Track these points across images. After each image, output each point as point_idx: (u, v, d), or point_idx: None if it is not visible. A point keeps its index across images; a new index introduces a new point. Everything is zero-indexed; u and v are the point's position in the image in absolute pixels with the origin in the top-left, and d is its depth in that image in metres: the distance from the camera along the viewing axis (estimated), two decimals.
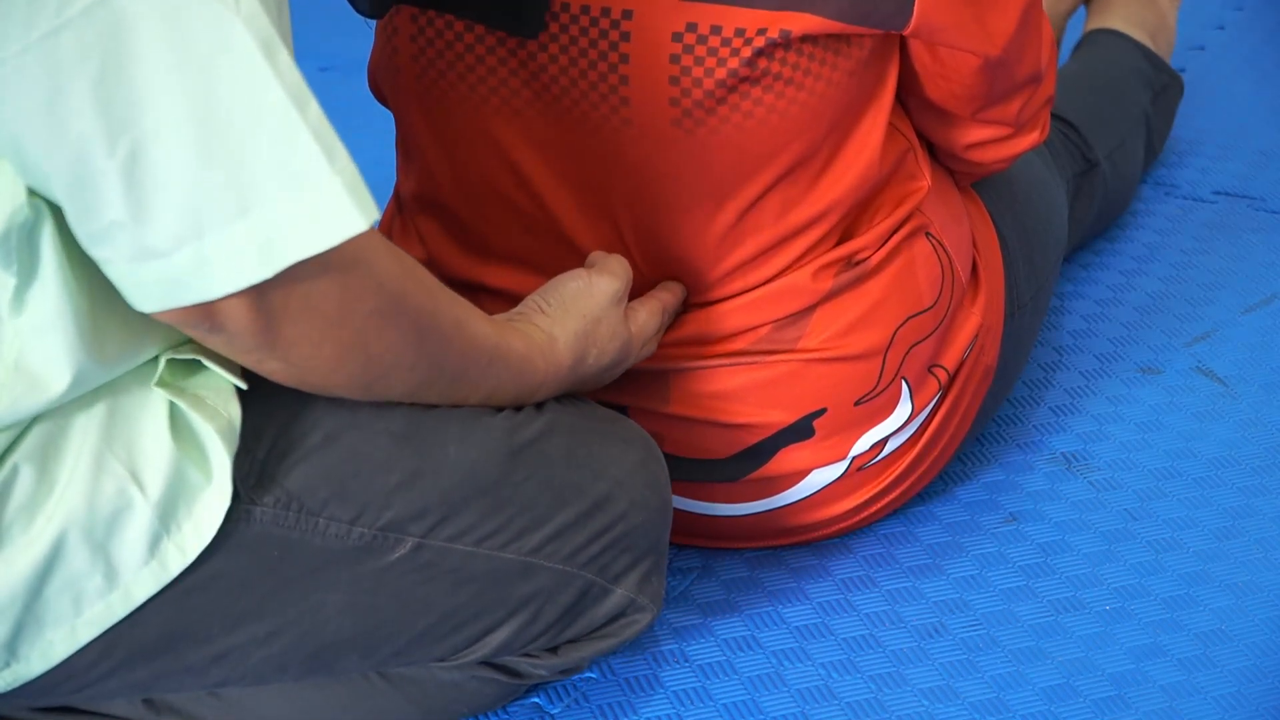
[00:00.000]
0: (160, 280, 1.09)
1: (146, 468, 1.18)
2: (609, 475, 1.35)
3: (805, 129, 1.44)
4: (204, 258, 1.07)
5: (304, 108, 1.07)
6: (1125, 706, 1.45)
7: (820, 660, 1.51)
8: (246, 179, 1.06)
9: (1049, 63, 1.57)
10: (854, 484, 1.57)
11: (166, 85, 1.04)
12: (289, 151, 1.07)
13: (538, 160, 1.47)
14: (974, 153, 1.59)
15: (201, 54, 1.05)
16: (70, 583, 1.18)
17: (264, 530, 1.23)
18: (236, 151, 1.06)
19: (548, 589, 1.32)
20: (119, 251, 1.08)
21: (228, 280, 1.08)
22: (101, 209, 1.07)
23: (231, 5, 1.05)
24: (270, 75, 1.06)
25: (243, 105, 1.06)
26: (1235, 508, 1.68)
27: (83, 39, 1.03)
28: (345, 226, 1.08)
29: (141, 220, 1.06)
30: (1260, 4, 2.69)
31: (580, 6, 1.41)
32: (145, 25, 1.04)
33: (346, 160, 1.09)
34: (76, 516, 1.16)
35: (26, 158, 1.08)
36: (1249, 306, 1.99)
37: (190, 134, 1.05)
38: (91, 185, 1.06)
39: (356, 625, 1.28)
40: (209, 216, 1.06)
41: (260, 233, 1.07)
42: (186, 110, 1.05)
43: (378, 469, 1.26)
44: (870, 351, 1.51)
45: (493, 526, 1.30)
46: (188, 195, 1.06)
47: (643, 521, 1.36)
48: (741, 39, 1.39)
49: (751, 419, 1.51)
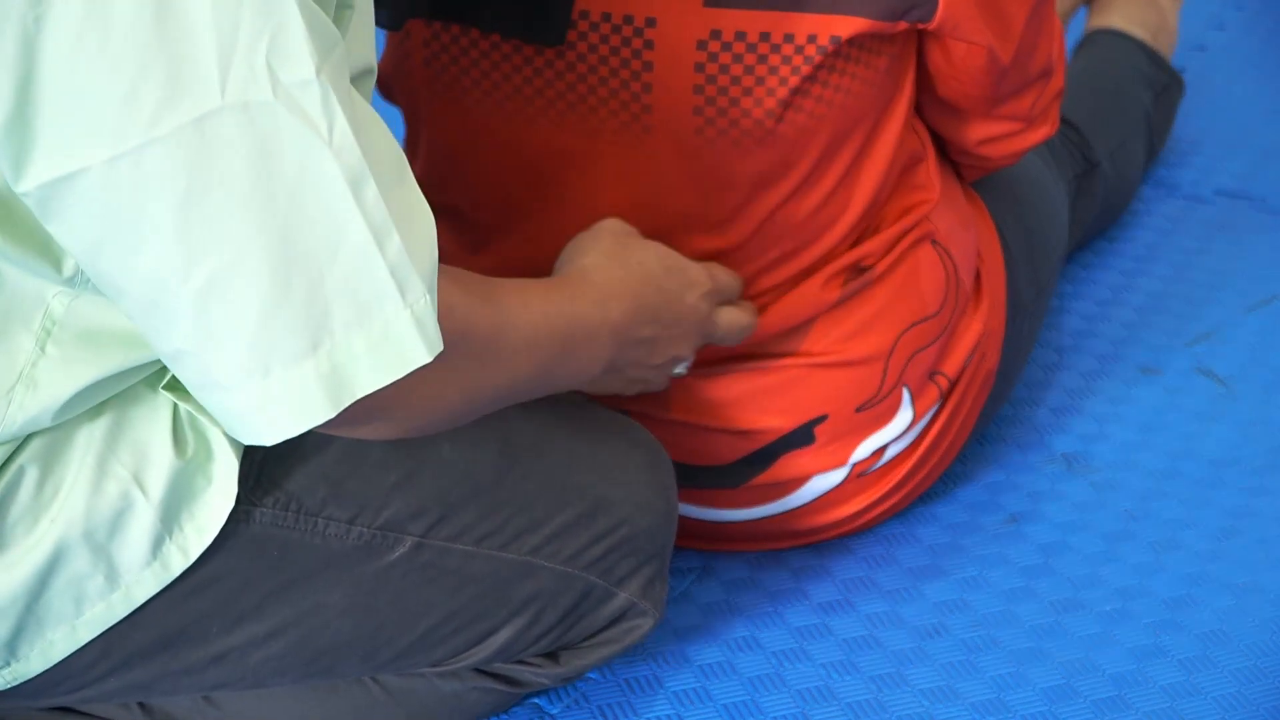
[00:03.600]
0: (223, 411, 1.06)
1: (149, 470, 1.18)
2: (613, 478, 1.34)
3: (832, 136, 1.43)
4: (269, 396, 1.04)
5: (384, 243, 1.04)
6: (1126, 707, 1.45)
7: (820, 660, 1.51)
8: (318, 317, 1.03)
9: (1059, 57, 1.57)
10: (854, 490, 1.57)
11: (249, 217, 1.01)
12: (362, 285, 1.04)
13: (550, 166, 1.46)
14: (985, 148, 1.59)
15: (289, 186, 1.02)
16: (72, 584, 1.18)
17: (264, 531, 1.24)
18: (311, 290, 1.03)
19: (549, 590, 1.32)
20: (185, 377, 1.06)
21: (291, 422, 1.05)
22: (170, 334, 1.04)
23: (325, 134, 1.02)
24: (355, 212, 1.03)
25: (324, 242, 1.03)
26: (1235, 508, 1.68)
27: (171, 158, 1.00)
28: (410, 360, 1.06)
29: (207, 352, 1.04)
30: (1260, 4, 2.69)
31: (601, 14, 1.40)
32: (235, 152, 1.00)
33: (420, 292, 1.05)
34: (79, 519, 1.16)
35: (101, 269, 1.05)
36: (1250, 306, 1.99)
37: (267, 270, 1.02)
38: (163, 309, 1.03)
39: (357, 627, 1.28)
40: (277, 355, 1.03)
41: (326, 370, 1.04)
42: (266, 245, 1.01)
43: (375, 468, 1.26)
44: (872, 357, 1.51)
45: (492, 526, 1.30)
46: (257, 332, 1.03)
47: (647, 526, 1.36)
48: (792, 46, 1.37)
49: (753, 425, 1.51)
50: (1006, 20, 1.46)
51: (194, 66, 1.00)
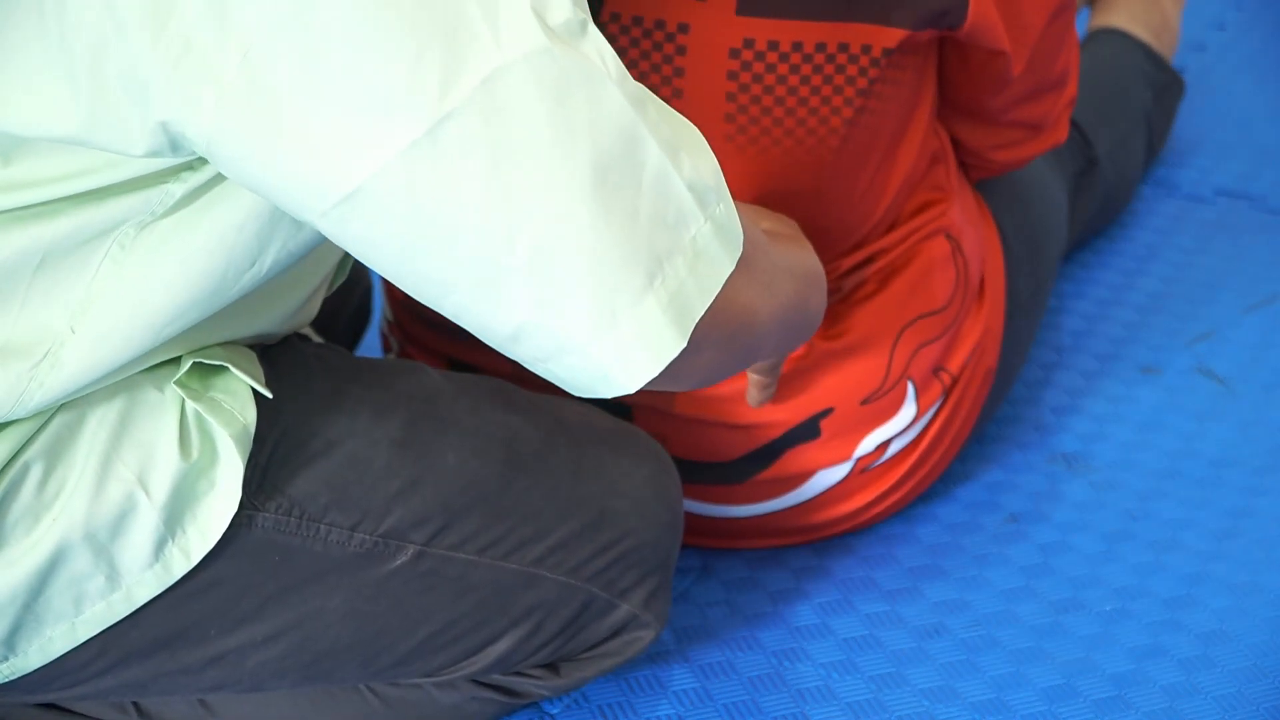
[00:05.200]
0: (578, 373, 1.03)
1: (154, 472, 1.18)
2: (618, 489, 1.34)
3: (860, 144, 1.44)
4: (623, 343, 1.01)
5: (677, 160, 1.02)
6: (1125, 707, 1.45)
7: (820, 660, 1.51)
8: (644, 248, 1.01)
9: (1073, 67, 1.57)
10: (858, 485, 1.57)
11: (558, 168, 0.98)
12: (669, 207, 1.02)
13: None
14: (995, 152, 1.59)
15: (586, 127, 0.99)
16: (72, 583, 1.18)
17: (266, 536, 1.23)
18: (630, 224, 1.00)
19: (550, 601, 1.32)
20: (528, 353, 1.03)
21: (651, 363, 1.02)
22: (508, 312, 1.01)
23: (602, 67, 1.00)
24: (649, 137, 1.01)
25: (630, 174, 1.00)
26: (1235, 508, 1.68)
27: (469, 128, 0.96)
28: (724, 269, 1.04)
29: (551, 317, 1.00)
30: (1260, 4, 2.69)
31: (632, 17, 1.39)
32: (529, 106, 0.97)
33: (714, 201, 1.04)
34: (81, 520, 1.16)
35: (420, 271, 1.01)
36: (1249, 306, 1.99)
37: (587, 216, 0.99)
38: (494, 289, 1.00)
39: (356, 632, 1.28)
40: (621, 299, 1.00)
41: (665, 300, 1.02)
42: (580, 191, 0.98)
43: (378, 476, 1.26)
44: (877, 344, 1.51)
45: (495, 535, 1.29)
46: (596, 282, 0.99)
47: (651, 538, 1.35)
48: (824, 55, 1.37)
49: (759, 419, 1.51)
50: (1026, 29, 1.46)
51: (467, 26, 0.96)
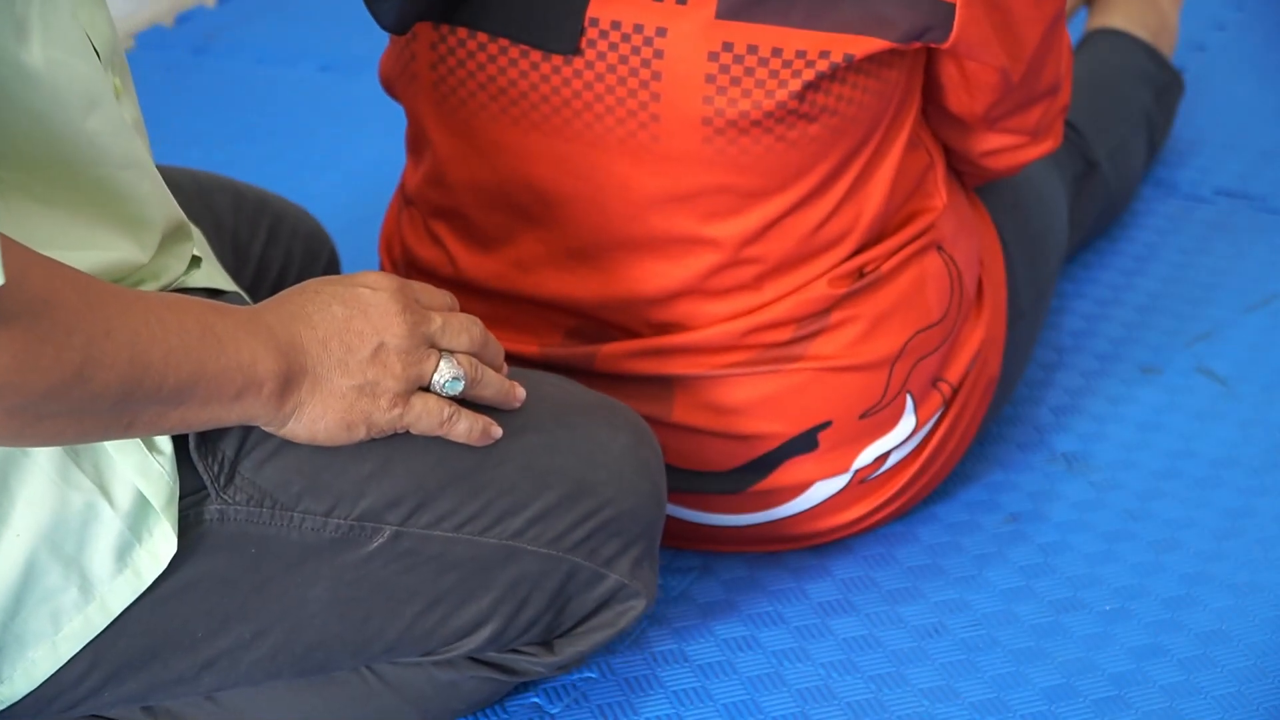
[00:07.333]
0: None
1: (113, 476, 1.17)
2: (595, 460, 1.34)
3: (840, 147, 1.43)
4: None
5: None
6: (1125, 706, 1.45)
7: (820, 660, 1.51)
8: None
9: (1066, 73, 1.57)
10: (855, 496, 1.57)
11: None
12: None
13: (552, 174, 1.46)
14: (989, 159, 1.59)
15: None
16: (45, 599, 1.18)
17: (239, 529, 1.23)
18: None
19: (533, 574, 1.32)
20: None
21: None
22: None
23: None
24: None
25: None
26: (1235, 508, 1.68)
27: None
28: None
29: None
30: (1260, 4, 2.69)
31: (610, 22, 1.40)
32: None
33: None
34: (44, 531, 1.16)
35: None
36: (1249, 306, 1.99)
37: None
38: None
39: (342, 619, 1.28)
40: None
41: None
42: None
43: (349, 459, 1.25)
44: (878, 363, 1.51)
45: (471, 511, 1.29)
46: None
47: (632, 506, 1.35)
48: (804, 61, 1.38)
49: (757, 431, 1.51)
50: (1020, 41, 1.46)
51: None
